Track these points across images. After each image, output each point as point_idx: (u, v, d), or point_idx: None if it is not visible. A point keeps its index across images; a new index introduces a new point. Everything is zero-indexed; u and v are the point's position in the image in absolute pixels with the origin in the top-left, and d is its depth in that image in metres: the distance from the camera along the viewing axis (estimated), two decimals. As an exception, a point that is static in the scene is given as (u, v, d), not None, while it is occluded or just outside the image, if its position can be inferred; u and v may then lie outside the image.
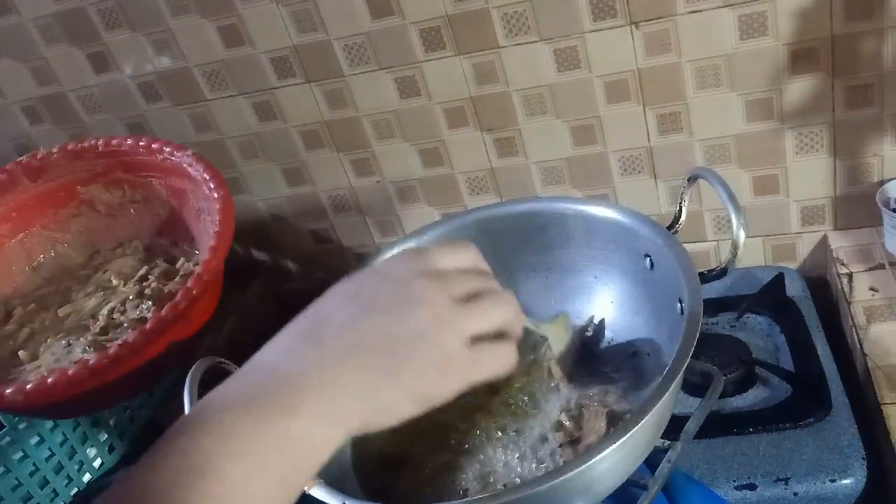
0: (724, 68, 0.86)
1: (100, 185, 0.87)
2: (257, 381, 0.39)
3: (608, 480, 0.49)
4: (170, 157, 0.81)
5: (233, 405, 0.38)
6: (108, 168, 0.86)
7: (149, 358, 0.67)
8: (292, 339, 0.42)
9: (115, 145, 0.83)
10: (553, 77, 0.92)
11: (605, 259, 0.62)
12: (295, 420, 0.38)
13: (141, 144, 0.82)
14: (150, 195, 0.87)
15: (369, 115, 1.00)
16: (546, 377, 0.59)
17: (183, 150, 0.80)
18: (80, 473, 0.80)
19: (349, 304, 0.42)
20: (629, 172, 0.97)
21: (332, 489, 0.47)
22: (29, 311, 0.83)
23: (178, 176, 0.82)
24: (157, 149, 0.81)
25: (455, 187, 1.04)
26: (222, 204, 0.74)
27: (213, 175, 0.77)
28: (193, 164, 0.78)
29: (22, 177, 0.85)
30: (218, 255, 0.71)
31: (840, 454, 0.76)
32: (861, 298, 0.86)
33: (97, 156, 0.85)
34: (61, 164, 0.85)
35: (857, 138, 0.88)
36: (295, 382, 0.39)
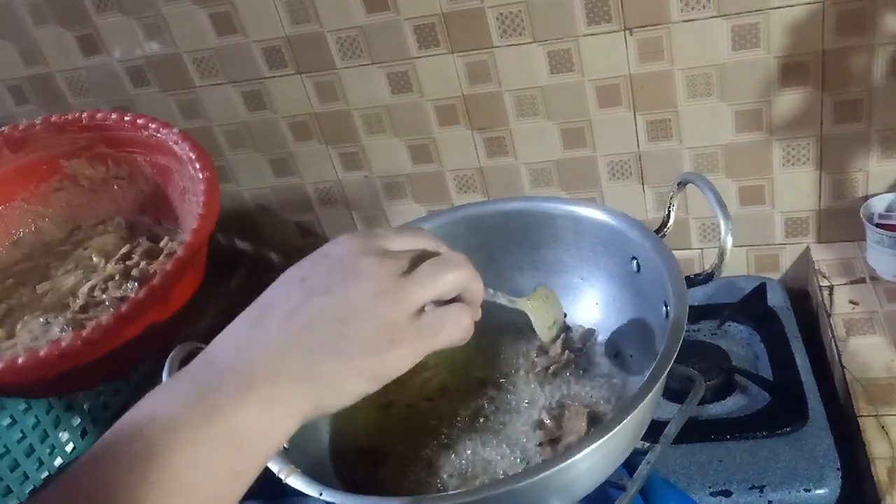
0: (716, 78, 0.87)
1: (83, 159, 0.85)
2: (206, 373, 0.39)
3: (587, 480, 0.49)
4: (155, 133, 0.79)
5: (182, 397, 0.38)
6: (92, 142, 0.84)
7: (124, 340, 0.65)
8: (240, 330, 0.41)
9: (100, 119, 0.81)
10: (545, 79, 0.92)
11: (593, 260, 0.62)
12: (245, 409, 0.37)
13: (126, 119, 0.80)
14: (134, 172, 0.85)
15: (360, 109, 1.00)
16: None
17: (169, 128, 0.78)
18: (51, 457, 0.79)
19: (295, 289, 0.41)
20: (617, 177, 0.98)
21: (309, 479, 0.47)
22: (6, 287, 0.81)
23: (164, 154, 0.81)
24: (143, 125, 0.79)
25: (443, 185, 1.04)
26: (207, 185, 0.73)
27: (199, 154, 0.76)
28: (179, 143, 0.77)
29: (3, 148, 0.83)
30: (199, 236, 0.69)
31: (815, 464, 0.76)
32: (841, 311, 0.87)
33: (81, 129, 0.82)
34: (44, 137, 0.83)
35: (844, 153, 0.89)
36: (243, 372, 0.38)
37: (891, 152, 0.88)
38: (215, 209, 0.73)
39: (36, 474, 0.77)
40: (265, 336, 0.40)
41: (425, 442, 0.57)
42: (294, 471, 0.47)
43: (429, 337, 0.42)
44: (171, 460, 0.36)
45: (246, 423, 0.38)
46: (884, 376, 0.78)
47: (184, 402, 0.38)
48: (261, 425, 0.38)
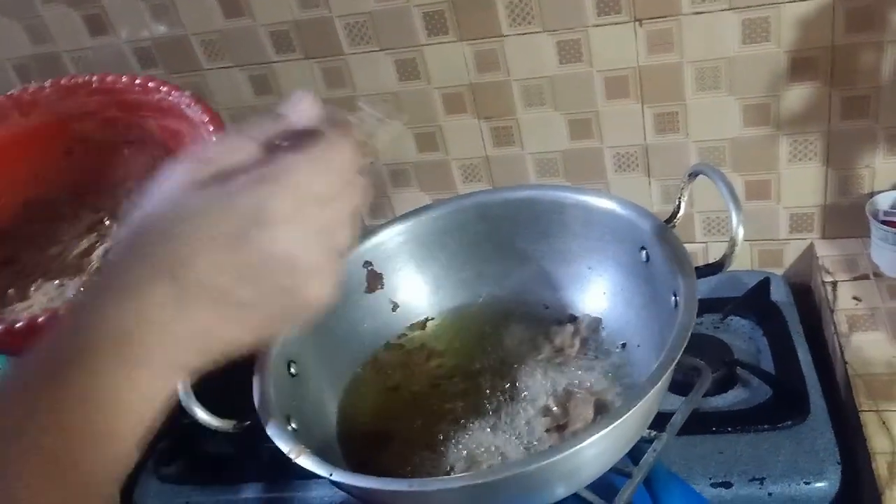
0: (725, 71, 0.87)
1: (93, 122, 0.83)
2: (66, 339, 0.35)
3: (593, 467, 0.50)
4: (166, 96, 0.77)
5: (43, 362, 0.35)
6: (102, 106, 0.82)
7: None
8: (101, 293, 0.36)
9: (110, 83, 0.79)
10: (554, 69, 0.92)
11: (601, 250, 0.62)
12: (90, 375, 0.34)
13: (137, 83, 0.78)
14: (145, 136, 0.83)
15: (367, 96, 0.99)
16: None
17: (180, 91, 0.77)
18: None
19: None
20: (623, 169, 0.98)
21: (319, 460, 0.47)
22: (16, 249, 0.80)
23: (175, 117, 0.79)
24: (154, 88, 0.77)
25: (448, 173, 1.04)
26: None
27: (212, 117, 0.74)
28: (192, 106, 0.75)
29: (13, 111, 0.81)
30: None
31: (816, 457, 0.77)
32: (844, 307, 0.87)
33: (91, 93, 0.80)
34: (53, 100, 0.81)
35: (851, 149, 0.89)
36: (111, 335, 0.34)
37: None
38: None
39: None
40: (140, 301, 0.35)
41: (432, 426, 0.58)
42: (304, 451, 0.47)
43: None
44: (39, 441, 0.32)
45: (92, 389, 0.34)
46: (885, 372, 0.79)
47: (43, 368, 0.34)
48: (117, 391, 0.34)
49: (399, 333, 0.66)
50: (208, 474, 0.89)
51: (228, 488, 0.87)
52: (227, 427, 0.51)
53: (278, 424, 0.50)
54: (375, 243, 0.66)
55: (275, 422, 0.50)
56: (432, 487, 0.45)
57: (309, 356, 0.59)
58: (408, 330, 0.67)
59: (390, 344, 0.66)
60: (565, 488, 0.50)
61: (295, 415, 0.53)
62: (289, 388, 0.56)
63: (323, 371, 0.61)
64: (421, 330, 0.67)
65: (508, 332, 0.64)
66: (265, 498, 0.87)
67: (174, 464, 0.91)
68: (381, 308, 0.66)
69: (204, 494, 0.88)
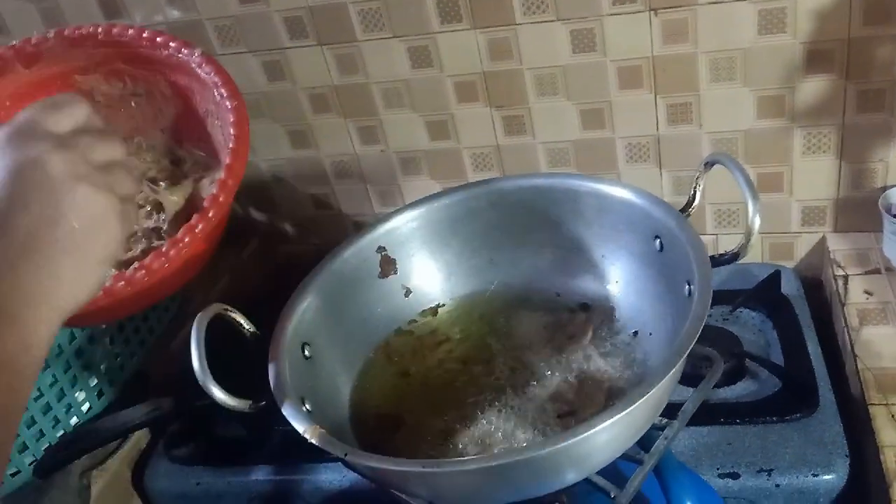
0: (740, 62, 0.87)
1: (99, 75, 0.80)
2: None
3: (604, 453, 0.50)
4: (176, 53, 0.72)
5: None
6: (108, 58, 0.77)
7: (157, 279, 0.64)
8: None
9: (116, 35, 0.74)
10: (567, 58, 0.92)
11: (615, 238, 0.62)
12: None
13: (144, 36, 0.73)
14: (152, 89, 0.78)
15: (379, 83, 0.99)
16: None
17: (191, 49, 0.72)
18: (67, 416, 0.79)
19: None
20: (635, 160, 0.98)
21: (334, 440, 0.47)
22: None
23: (185, 74, 0.74)
24: (162, 43, 0.73)
25: (459, 162, 1.04)
26: (236, 117, 0.67)
27: (224, 80, 0.70)
28: (202, 66, 0.71)
29: (16, 63, 0.79)
30: (234, 172, 0.66)
31: (824, 450, 0.77)
32: (855, 301, 0.87)
33: (96, 44, 0.76)
34: (57, 52, 0.78)
35: (865, 143, 0.89)
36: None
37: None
38: (246, 142, 0.68)
39: (52, 432, 0.78)
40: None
41: (443, 411, 0.58)
42: (319, 431, 0.48)
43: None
44: None
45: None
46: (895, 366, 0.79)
47: None
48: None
49: (411, 319, 0.67)
50: (219, 456, 0.90)
51: (238, 470, 0.88)
52: (243, 407, 0.51)
53: (293, 405, 0.50)
54: (389, 228, 0.66)
55: (290, 402, 0.51)
56: (445, 469, 0.45)
57: (323, 339, 0.60)
58: (420, 316, 0.67)
59: (402, 329, 0.66)
60: (576, 473, 0.50)
61: (309, 397, 0.54)
62: (303, 371, 0.56)
63: (336, 354, 0.61)
64: (433, 316, 0.67)
65: (520, 320, 0.64)
66: (275, 480, 0.88)
67: (185, 446, 0.91)
68: (393, 293, 0.66)
69: (214, 476, 0.89)
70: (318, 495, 0.87)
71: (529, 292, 0.66)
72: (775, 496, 0.77)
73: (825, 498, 0.76)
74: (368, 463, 0.46)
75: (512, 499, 0.51)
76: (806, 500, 0.76)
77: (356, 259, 0.65)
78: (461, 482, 0.48)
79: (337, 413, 0.58)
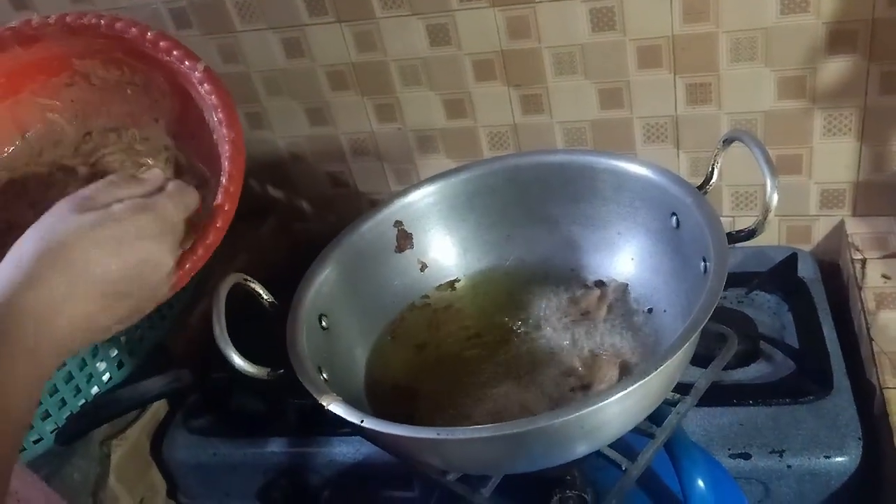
0: (761, 42, 0.86)
1: (97, 61, 0.76)
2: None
3: (616, 425, 0.50)
4: (178, 63, 0.68)
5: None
6: (108, 48, 0.75)
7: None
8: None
9: (119, 30, 0.71)
10: (586, 37, 0.91)
11: (631, 215, 0.62)
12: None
13: (148, 37, 0.69)
14: (150, 83, 0.76)
15: (397, 61, 0.99)
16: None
17: (194, 62, 0.67)
18: (88, 385, 0.81)
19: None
20: (652, 140, 0.97)
21: (350, 407, 0.48)
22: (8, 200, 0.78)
23: (185, 81, 0.70)
24: (165, 48, 0.68)
25: (476, 141, 1.04)
26: (232, 150, 0.63)
27: (224, 104, 0.65)
28: (204, 84, 0.66)
29: (13, 44, 0.77)
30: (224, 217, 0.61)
31: (837, 432, 0.77)
32: (873, 285, 0.87)
33: (97, 35, 0.73)
34: (57, 37, 0.76)
35: (887, 125, 0.88)
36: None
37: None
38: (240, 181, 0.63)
39: (73, 401, 0.79)
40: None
41: (457, 384, 0.58)
42: (335, 398, 0.48)
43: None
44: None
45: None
46: (912, 349, 0.78)
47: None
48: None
49: (427, 293, 0.67)
50: (236, 429, 0.91)
51: (255, 442, 0.90)
52: (262, 374, 0.52)
53: (311, 373, 0.51)
54: (406, 203, 0.66)
55: (307, 370, 0.51)
56: (459, 436, 0.46)
57: (340, 311, 0.60)
58: (436, 290, 0.67)
59: (418, 303, 0.67)
60: (588, 445, 0.51)
61: (326, 366, 0.55)
62: (320, 341, 0.57)
63: (353, 326, 0.62)
64: (449, 290, 0.67)
65: (535, 295, 0.64)
66: (290, 453, 0.89)
67: (203, 417, 0.93)
68: (410, 267, 0.67)
69: (231, 447, 0.90)
70: (332, 468, 0.89)
71: (545, 268, 0.67)
72: (787, 477, 0.77)
73: (837, 480, 0.76)
74: (384, 430, 0.47)
75: (525, 468, 0.52)
76: (818, 482, 0.76)
77: (373, 233, 0.65)
78: (475, 450, 0.49)
79: (353, 383, 0.59)
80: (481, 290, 0.67)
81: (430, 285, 0.67)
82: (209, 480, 0.94)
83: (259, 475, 0.91)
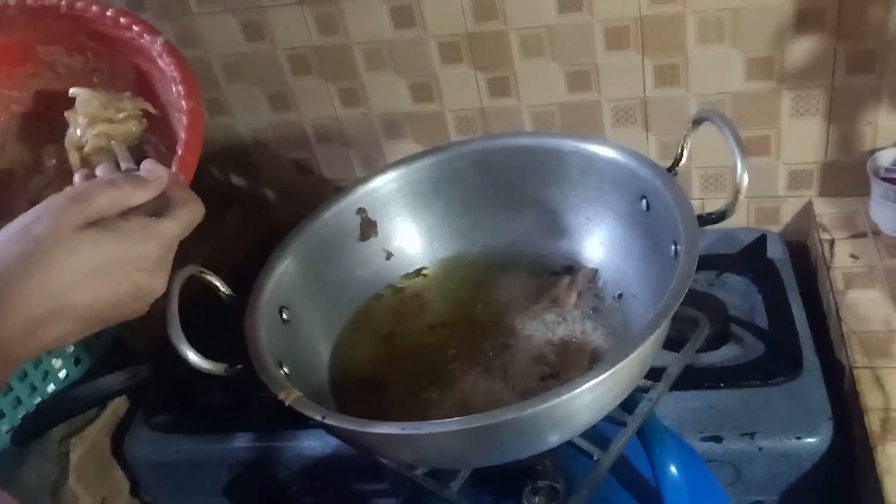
0: (729, 22, 0.85)
1: (61, 47, 0.77)
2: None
3: (588, 414, 0.49)
4: (138, 38, 0.69)
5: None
6: (71, 31, 0.75)
7: None
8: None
9: (80, 10, 0.71)
10: (553, 18, 0.90)
11: (601, 199, 0.61)
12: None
13: (108, 14, 0.70)
14: (114, 69, 0.77)
15: (361, 44, 0.97)
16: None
17: (154, 35, 0.68)
18: (44, 383, 0.78)
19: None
20: (621, 122, 0.96)
21: (312, 403, 0.46)
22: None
23: (147, 60, 0.71)
24: (125, 24, 0.70)
25: (443, 125, 1.02)
26: (190, 120, 0.64)
27: (184, 77, 0.66)
28: (163, 56, 0.67)
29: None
30: (185, 173, 0.62)
31: (808, 413, 0.77)
32: (841, 265, 0.87)
33: (58, 17, 0.74)
34: (18, 20, 0.76)
35: (854, 105, 0.88)
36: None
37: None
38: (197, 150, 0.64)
39: (29, 399, 0.77)
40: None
41: (426, 373, 0.57)
42: (296, 394, 0.47)
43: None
44: None
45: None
46: (881, 329, 0.79)
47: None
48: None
49: (393, 282, 0.65)
50: (199, 424, 0.89)
51: (219, 438, 0.87)
52: (219, 370, 0.50)
53: (270, 368, 0.49)
54: (369, 189, 0.64)
55: (267, 365, 0.49)
56: (425, 431, 0.44)
57: (301, 302, 0.58)
58: (402, 279, 0.66)
59: (384, 293, 0.65)
60: (559, 435, 0.49)
61: (287, 360, 0.53)
62: (281, 334, 0.55)
63: (316, 318, 0.60)
64: (416, 279, 0.65)
65: (504, 282, 0.63)
66: (255, 447, 0.87)
67: (165, 413, 0.90)
68: (374, 256, 0.65)
69: (195, 443, 0.88)
70: (300, 462, 0.87)
71: (513, 255, 0.65)
72: (758, 459, 0.77)
73: (808, 461, 0.76)
74: (348, 426, 0.45)
75: (494, 461, 0.51)
76: (789, 464, 0.76)
77: (335, 221, 0.63)
78: (443, 444, 0.47)
79: (316, 377, 0.57)
80: (449, 279, 0.65)
81: (397, 274, 0.66)
82: (173, 478, 0.91)
83: (224, 471, 0.89)
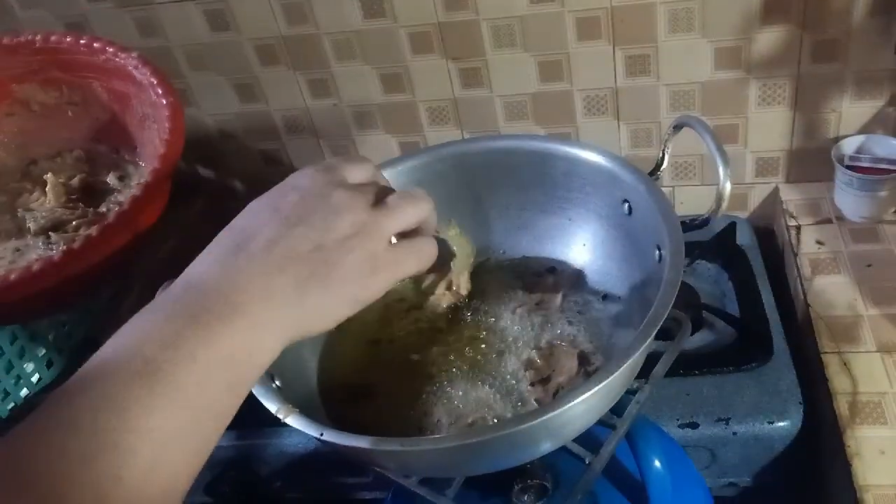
0: (698, 12, 0.86)
1: (35, 83, 0.82)
2: (194, 296, 0.39)
3: (580, 422, 0.50)
4: (113, 58, 0.76)
5: (175, 318, 0.38)
6: (45, 65, 0.81)
7: (89, 265, 0.64)
8: (221, 254, 0.41)
9: (54, 42, 0.78)
10: (524, 8, 0.89)
11: (582, 202, 0.61)
12: (235, 329, 0.38)
13: (82, 42, 0.77)
14: (88, 97, 0.82)
15: (330, 34, 0.95)
16: (452, 290, 0.60)
17: (127, 52, 0.76)
18: (17, 388, 0.76)
19: (273, 218, 0.42)
20: (593, 113, 0.97)
21: (308, 420, 0.46)
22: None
23: (121, 79, 0.78)
24: (100, 48, 0.76)
25: (415, 116, 1.01)
26: (171, 110, 0.72)
27: (160, 80, 0.74)
28: (139, 67, 0.75)
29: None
30: (167, 162, 0.69)
31: (779, 398, 0.79)
32: (808, 251, 0.89)
33: (33, 52, 0.79)
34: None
35: (819, 93, 0.90)
36: (229, 293, 0.39)
37: (864, 93, 0.89)
38: (181, 134, 0.72)
39: (2, 405, 0.75)
40: (249, 262, 0.40)
41: (413, 379, 0.57)
42: (292, 411, 0.46)
43: (403, 264, 0.45)
44: (175, 375, 0.36)
45: (240, 344, 0.38)
46: (847, 314, 0.81)
47: (178, 322, 0.38)
48: (252, 346, 0.39)
49: (377, 286, 0.65)
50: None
51: (200, 439, 0.87)
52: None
53: (264, 383, 0.49)
54: (351, 194, 0.63)
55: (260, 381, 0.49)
56: (424, 447, 0.45)
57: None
58: (385, 282, 0.65)
59: (367, 297, 0.65)
60: (552, 443, 0.50)
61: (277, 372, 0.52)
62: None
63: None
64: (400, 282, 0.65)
65: (488, 285, 0.63)
66: (237, 445, 0.87)
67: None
68: (357, 260, 0.65)
69: (174, 445, 0.87)
70: (283, 458, 0.87)
71: (497, 257, 0.65)
72: (733, 443, 0.79)
73: (780, 444, 0.79)
74: (346, 443, 0.45)
75: (488, 469, 0.51)
76: (762, 447, 0.79)
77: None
78: (437, 457, 0.48)
79: (305, 386, 0.57)
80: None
81: (380, 277, 0.65)
82: (153, 478, 0.90)
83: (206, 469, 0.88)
